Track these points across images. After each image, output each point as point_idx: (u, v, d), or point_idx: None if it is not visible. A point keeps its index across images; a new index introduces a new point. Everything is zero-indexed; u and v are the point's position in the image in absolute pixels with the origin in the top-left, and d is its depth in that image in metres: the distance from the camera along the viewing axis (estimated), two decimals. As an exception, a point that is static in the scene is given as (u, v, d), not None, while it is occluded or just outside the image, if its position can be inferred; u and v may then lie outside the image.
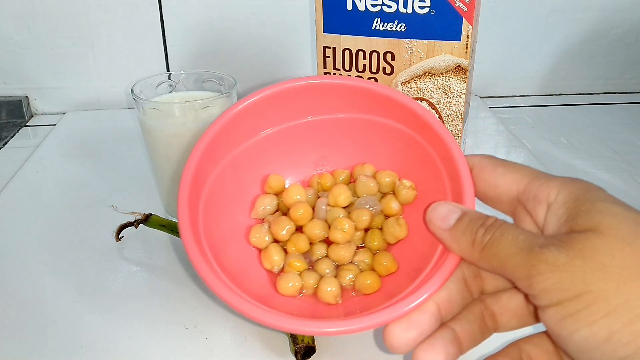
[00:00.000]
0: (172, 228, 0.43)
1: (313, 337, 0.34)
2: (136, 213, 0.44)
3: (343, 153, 0.35)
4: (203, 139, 0.30)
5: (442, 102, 0.47)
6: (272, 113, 0.33)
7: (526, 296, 0.23)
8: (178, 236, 0.43)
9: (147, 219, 0.44)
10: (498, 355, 0.26)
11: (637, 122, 0.70)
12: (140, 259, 0.44)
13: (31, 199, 0.52)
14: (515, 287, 0.23)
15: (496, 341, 0.27)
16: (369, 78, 0.48)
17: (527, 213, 0.25)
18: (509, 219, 0.26)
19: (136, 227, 0.44)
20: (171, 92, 0.48)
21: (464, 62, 0.45)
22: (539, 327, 0.24)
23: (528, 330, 0.26)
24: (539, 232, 0.24)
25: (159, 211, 0.48)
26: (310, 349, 0.33)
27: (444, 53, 0.45)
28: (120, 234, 0.44)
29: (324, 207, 0.33)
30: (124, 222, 0.44)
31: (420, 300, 0.24)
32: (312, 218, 0.33)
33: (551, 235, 0.22)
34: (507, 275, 0.22)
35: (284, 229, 0.32)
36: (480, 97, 0.77)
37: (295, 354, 0.33)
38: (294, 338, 0.34)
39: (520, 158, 0.59)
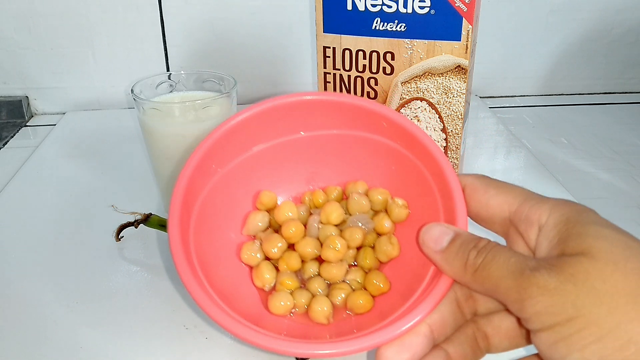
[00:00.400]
0: (172, 228, 0.43)
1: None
2: (136, 213, 0.44)
3: (335, 170, 0.35)
4: (195, 154, 0.30)
5: (442, 102, 0.47)
6: (265, 129, 0.33)
7: (518, 319, 0.23)
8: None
9: (147, 219, 0.44)
10: None
11: (637, 122, 0.70)
12: (140, 259, 0.44)
13: (31, 199, 0.52)
14: (508, 310, 0.23)
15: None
16: (369, 78, 0.48)
17: (519, 235, 0.25)
18: (502, 240, 0.25)
19: (136, 227, 0.44)
20: (171, 92, 0.48)
21: (464, 62, 0.45)
22: (531, 349, 0.24)
23: (521, 352, 0.26)
24: (530, 255, 0.24)
25: (159, 211, 0.48)
26: (310, 349, 0.33)
27: (444, 53, 0.45)
28: (120, 234, 0.44)
29: (316, 225, 0.33)
30: (124, 222, 0.44)
31: (412, 322, 0.24)
32: (304, 236, 0.32)
33: (542, 258, 0.22)
34: (499, 298, 0.22)
35: (276, 246, 0.32)
36: (480, 97, 0.77)
37: (295, 354, 0.33)
38: (293, 338, 0.34)
39: (520, 158, 0.59)
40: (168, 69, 0.72)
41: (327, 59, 0.49)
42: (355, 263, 0.32)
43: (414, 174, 0.31)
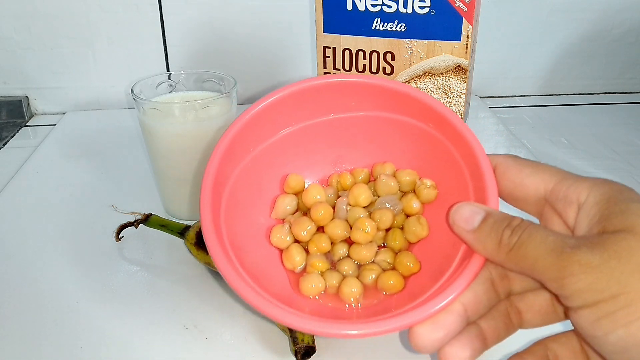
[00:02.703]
0: (172, 228, 0.43)
1: (313, 336, 0.34)
2: (136, 213, 0.44)
3: (362, 151, 0.35)
4: (223, 140, 0.30)
5: (442, 102, 0.47)
6: (290, 112, 0.33)
7: (556, 297, 0.23)
8: (178, 236, 0.43)
9: (147, 219, 0.44)
10: (524, 354, 0.26)
11: (637, 122, 0.70)
12: (140, 259, 0.44)
13: (31, 199, 0.52)
14: (544, 288, 0.23)
15: (522, 339, 0.27)
16: (369, 78, 0.48)
17: (555, 213, 0.25)
18: (535, 220, 0.25)
19: (136, 227, 0.44)
20: (171, 92, 0.48)
21: (464, 62, 0.45)
22: (568, 325, 0.24)
23: (557, 327, 0.26)
24: (567, 233, 0.24)
25: (159, 211, 0.48)
26: (310, 349, 0.33)
27: (444, 53, 0.45)
28: (120, 234, 0.44)
29: (344, 207, 0.33)
30: (124, 222, 0.44)
31: (447, 301, 0.24)
32: (333, 218, 0.32)
33: (582, 237, 0.22)
34: (536, 277, 0.22)
35: (305, 229, 0.32)
36: (480, 97, 0.77)
37: (295, 353, 0.33)
38: (294, 338, 0.34)
39: (520, 158, 0.59)
40: (168, 69, 0.72)
41: (327, 59, 0.49)
42: (385, 244, 0.32)
43: (443, 154, 0.31)
